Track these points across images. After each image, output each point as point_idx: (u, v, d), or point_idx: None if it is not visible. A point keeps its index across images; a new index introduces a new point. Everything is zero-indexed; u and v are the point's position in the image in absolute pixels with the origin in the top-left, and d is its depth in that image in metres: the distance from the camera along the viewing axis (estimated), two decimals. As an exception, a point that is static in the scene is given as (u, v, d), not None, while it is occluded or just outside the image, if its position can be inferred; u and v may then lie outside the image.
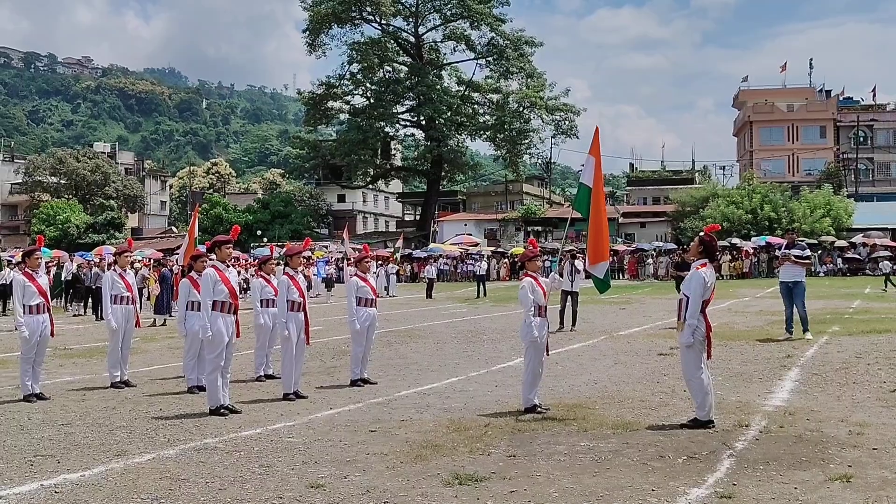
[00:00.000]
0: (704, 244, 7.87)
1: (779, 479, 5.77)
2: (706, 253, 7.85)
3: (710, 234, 7.99)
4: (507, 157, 66.78)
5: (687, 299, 7.61)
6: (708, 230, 8.15)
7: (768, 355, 12.18)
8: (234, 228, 10.01)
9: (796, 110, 73.50)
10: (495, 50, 63.76)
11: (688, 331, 7.47)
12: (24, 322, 9.60)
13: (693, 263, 7.96)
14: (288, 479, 5.96)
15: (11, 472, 6.29)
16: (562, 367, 11.58)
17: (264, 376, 10.99)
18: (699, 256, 7.86)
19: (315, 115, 66.96)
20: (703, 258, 7.80)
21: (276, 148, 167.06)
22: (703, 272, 7.63)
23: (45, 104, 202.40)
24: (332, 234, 67.59)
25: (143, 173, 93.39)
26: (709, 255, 7.85)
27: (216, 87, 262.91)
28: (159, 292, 21.54)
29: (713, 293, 7.71)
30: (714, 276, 7.79)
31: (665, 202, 66.66)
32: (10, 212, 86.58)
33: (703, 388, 7.47)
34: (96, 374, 11.55)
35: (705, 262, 7.76)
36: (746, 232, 47.84)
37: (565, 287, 17.26)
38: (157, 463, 6.50)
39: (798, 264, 14.43)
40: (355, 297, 10.37)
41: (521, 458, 6.44)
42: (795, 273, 14.43)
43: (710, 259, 7.84)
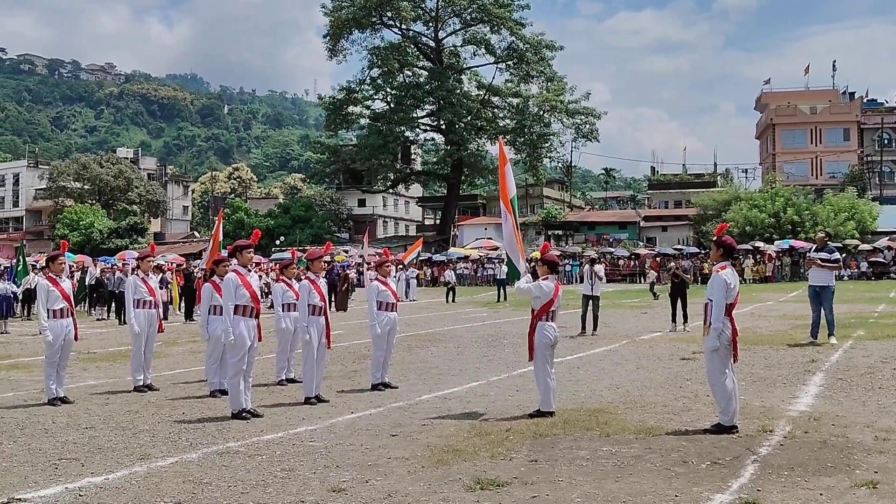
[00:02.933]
0: (723, 246, 7.83)
1: (804, 484, 5.71)
2: (726, 254, 7.81)
3: (723, 235, 7.95)
4: (527, 161, 66.67)
5: (711, 303, 7.57)
6: (718, 231, 8.11)
7: (792, 360, 12.06)
8: (255, 233, 10.06)
9: (819, 113, 72.89)
10: (515, 54, 63.72)
11: (713, 335, 7.41)
12: (49, 326, 9.68)
13: (714, 267, 7.91)
14: (310, 482, 5.97)
15: (36, 475, 6.34)
16: (583, 372, 11.53)
17: (286, 380, 11.02)
18: (720, 259, 7.81)
19: (335, 120, 67.19)
20: (723, 260, 7.76)
21: (297, 153, 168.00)
22: (724, 274, 7.58)
23: (68, 110, 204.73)
24: (352, 238, 67.75)
25: (166, 178, 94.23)
26: (728, 255, 7.82)
27: (238, 92, 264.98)
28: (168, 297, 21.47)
29: (738, 296, 7.65)
30: (736, 278, 7.74)
31: (687, 206, 66.28)
32: (34, 217, 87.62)
33: (727, 394, 7.41)
34: (120, 378, 11.64)
35: (725, 264, 7.71)
36: (769, 235, 47.49)
37: (586, 291, 17.27)
38: (179, 466, 6.53)
39: (825, 268, 14.21)
40: (376, 302, 10.38)
41: (543, 463, 6.41)
42: (824, 277, 14.17)
43: (730, 259, 7.80)
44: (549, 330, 8.50)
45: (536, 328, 8.46)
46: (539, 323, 8.47)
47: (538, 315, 8.50)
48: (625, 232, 62.32)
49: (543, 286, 8.53)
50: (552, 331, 8.53)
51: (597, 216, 69.98)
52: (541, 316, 8.49)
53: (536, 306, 8.54)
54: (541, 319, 8.48)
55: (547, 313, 8.51)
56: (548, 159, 70.04)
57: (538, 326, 8.47)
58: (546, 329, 8.48)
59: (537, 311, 8.52)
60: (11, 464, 6.73)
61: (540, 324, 8.47)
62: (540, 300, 8.51)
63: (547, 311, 8.50)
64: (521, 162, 68.78)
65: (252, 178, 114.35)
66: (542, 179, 72.17)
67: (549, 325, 8.51)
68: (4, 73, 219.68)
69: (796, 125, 73.03)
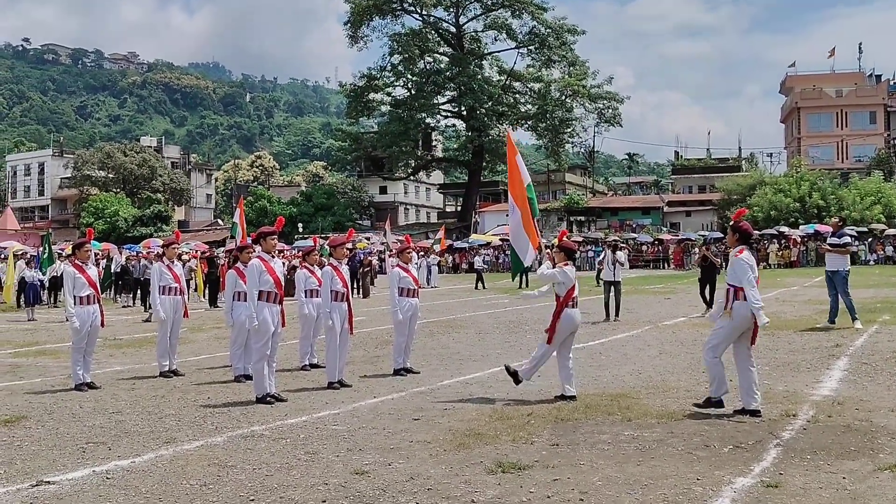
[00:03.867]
0: (739, 231, 7.87)
1: (826, 468, 5.69)
2: (742, 239, 7.83)
3: (740, 220, 8.01)
4: (549, 147, 66.46)
5: (733, 288, 7.54)
6: (736, 216, 8.18)
7: (816, 345, 11.98)
8: (278, 220, 10.11)
9: (845, 96, 71.99)
10: (537, 39, 63.40)
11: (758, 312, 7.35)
12: (75, 313, 9.82)
13: (731, 252, 7.91)
14: (333, 465, 6.03)
15: (64, 459, 6.45)
16: (605, 357, 11.53)
17: (309, 366, 11.11)
18: (736, 244, 7.83)
19: (357, 108, 67.27)
20: (739, 245, 7.77)
21: (319, 140, 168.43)
22: (743, 257, 7.60)
23: (92, 99, 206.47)
24: (373, 225, 67.96)
25: (189, 167, 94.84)
26: (744, 240, 7.83)
27: (259, 80, 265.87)
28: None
29: (757, 279, 7.62)
30: (754, 259, 7.73)
31: (711, 191, 65.79)
32: (59, 206, 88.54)
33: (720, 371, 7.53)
34: (145, 364, 11.78)
35: (742, 248, 7.73)
36: (794, 220, 47.08)
37: (607, 278, 17.22)
38: (205, 450, 6.61)
39: (835, 252, 14.09)
40: (397, 288, 10.43)
41: (565, 447, 6.43)
42: (834, 262, 14.12)
43: (746, 244, 7.82)
44: (576, 316, 8.57)
45: (562, 314, 8.49)
46: (566, 309, 8.51)
47: (564, 301, 8.54)
48: (648, 217, 62.00)
49: (567, 272, 8.58)
50: (578, 316, 8.61)
51: (620, 202, 69.65)
52: (567, 302, 8.52)
53: (561, 292, 8.58)
54: (567, 306, 8.51)
55: (572, 299, 8.53)
56: (570, 145, 69.89)
57: (564, 313, 8.50)
58: (573, 315, 8.54)
59: (563, 298, 8.55)
60: (40, 447, 6.85)
61: (567, 310, 8.51)
62: (564, 286, 8.56)
63: (572, 296, 8.54)
64: (542, 147, 68.57)
65: (274, 166, 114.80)
66: (564, 165, 71.86)
67: (575, 312, 8.56)
68: (29, 64, 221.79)
69: (822, 108, 72.19)
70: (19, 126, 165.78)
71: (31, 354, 13.57)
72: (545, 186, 73.71)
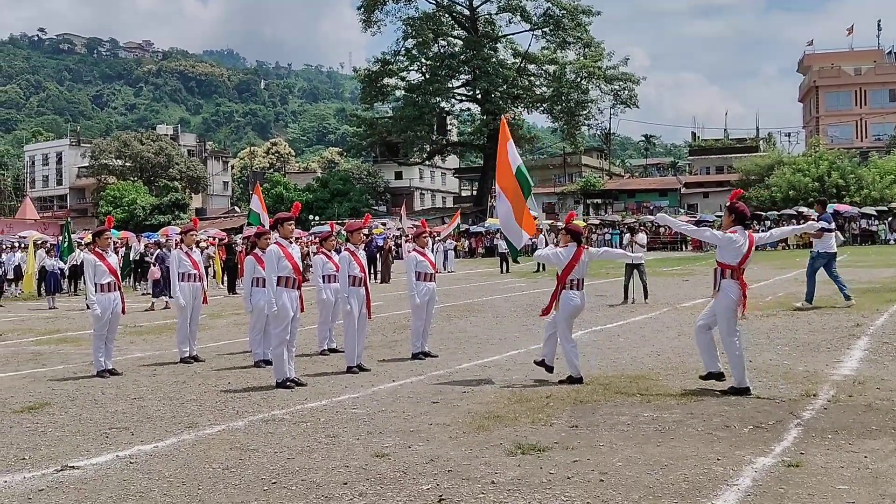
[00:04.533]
0: (735, 212, 7.95)
1: (848, 447, 5.67)
2: (738, 220, 7.91)
3: (736, 201, 8.06)
4: (564, 129, 66.03)
5: (721, 269, 7.75)
6: (733, 196, 8.21)
7: (836, 324, 11.91)
8: (294, 205, 10.13)
9: (864, 74, 71.22)
10: (551, 20, 62.88)
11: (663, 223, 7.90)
12: (96, 300, 9.91)
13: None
14: (353, 448, 6.07)
15: (88, 444, 6.52)
16: (624, 340, 11.52)
17: (328, 350, 11.17)
18: (731, 225, 7.91)
19: (371, 93, 67.04)
20: (735, 226, 7.88)
21: (334, 126, 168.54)
22: (733, 235, 7.76)
23: (108, 88, 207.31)
24: (389, 211, 67.96)
25: (205, 154, 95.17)
26: (740, 221, 7.91)
27: (274, 67, 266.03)
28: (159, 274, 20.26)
29: (746, 258, 7.75)
30: (745, 238, 7.79)
31: (729, 171, 65.34)
32: (77, 195, 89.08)
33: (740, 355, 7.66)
34: (165, 350, 11.88)
35: (736, 229, 7.84)
36: (813, 200, 46.67)
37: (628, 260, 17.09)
38: (226, 434, 6.67)
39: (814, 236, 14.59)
40: (414, 272, 10.45)
41: (584, 429, 6.44)
42: (815, 244, 14.66)
43: (743, 226, 7.90)
44: (573, 298, 8.55)
45: (561, 296, 8.55)
46: (563, 291, 8.54)
47: (559, 281, 8.62)
48: (665, 199, 61.69)
49: (560, 253, 8.65)
50: (576, 299, 8.57)
51: (636, 184, 69.31)
52: (562, 282, 8.57)
53: (559, 273, 8.66)
54: (564, 288, 8.54)
55: (568, 281, 8.55)
56: (586, 127, 69.29)
57: (562, 294, 8.56)
58: (570, 296, 8.54)
59: (559, 278, 8.65)
60: (64, 433, 6.93)
61: (564, 292, 8.55)
62: (559, 267, 8.64)
63: (565, 278, 8.55)
64: (558, 130, 68.20)
65: (290, 153, 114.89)
66: (580, 147, 71.48)
67: (572, 294, 8.55)
68: (45, 54, 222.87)
69: (840, 87, 71.44)
70: (37, 116, 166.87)
71: (52, 342, 13.72)
72: (561, 169, 73.43)
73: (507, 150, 9.80)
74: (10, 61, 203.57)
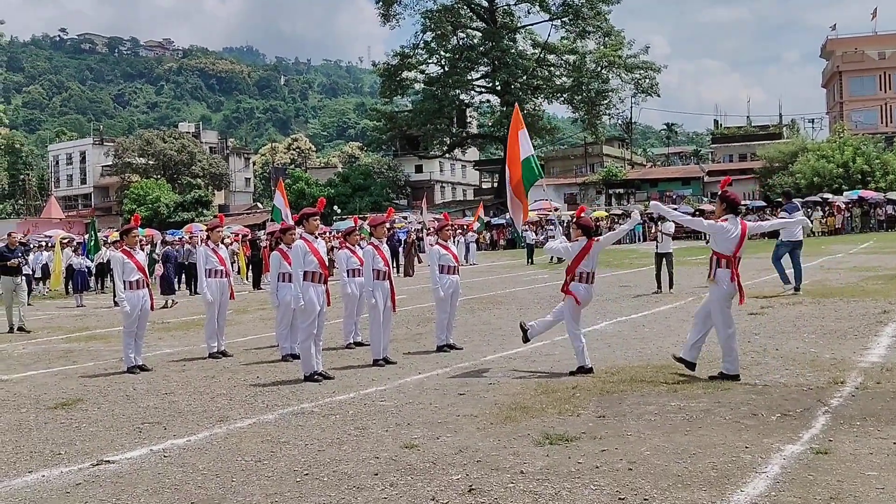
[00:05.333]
0: (726, 200, 8.07)
1: (876, 434, 5.66)
2: (729, 209, 8.02)
3: (726, 189, 8.17)
4: (585, 119, 65.80)
5: (716, 257, 7.87)
6: (722, 185, 8.34)
7: (863, 311, 11.84)
8: (319, 201, 10.21)
9: (889, 58, 70.30)
10: (570, 10, 62.64)
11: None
12: (126, 297, 10.05)
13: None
14: (383, 440, 6.14)
15: (122, 439, 6.64)
16: (649, 330, 11.51)
17: (354, 344, 11.25)
18: (723, 213, 8.02)
19: (390, 87, 67.14)
20: (726, 214, 7.98)
21: (354, 121, 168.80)
22: (724, 224, 7.88)
23: (129, 87, 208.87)
24: (410, 204, 68.01)
25: (227, 151, 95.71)
26: (732, 209, 8.02)
27: (293, 63, 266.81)
28: (163, 272, 20.88)
29: (741, 243, 7.87)
30: (737, 227, 7.88)
31: (752, 159, 64.76)
32: (102, 193, 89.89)
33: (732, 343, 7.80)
34: (194, 346, 12.02)
35: (727, 217, 7.95)
36: (838, 186, 46.26)
37: (659, 250, 17.04)
38: (257, 427, 6.76)
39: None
40: (438, 265, 10.50)
41: (611, 419, 6.46)
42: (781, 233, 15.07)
43: (734, 213, 8.00)
44: (581, 290, 8.60)
45: (570, 288, 8.61)
46: (572, 283, 8.60)
47: (568, 273, 8.67)
48: (688, 188, 61.29)
49: (569, 247, 8.72)
50: (584, 292, 8.62)
51: (659, 173, 68.90)
52: (570, 274, 8.62)
53: (569, 264, 8.73)
54: (573, 280, 8.59)
55: (577, 273, 8.60)
56: (607, 116, 69.10)
57: (571, 286, 8.61)
58: (577, 290, 8.59)
59: (568, 269, 8.70)
60: (98, 428, 7.05)
61: (573, 284, 8.60)
62: (568, 259, 8.72)
63: (574, 271, 8.61)
64: (579, 120, 67.95)
65: (311, 148, 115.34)
66: (601, 137, 71.20)
67: (581, 286, 8.60)
68: (67, 54, 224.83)
69: (864, 71, 70.61)
70: (60, 116, 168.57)
71: (82, 339, 13.91)
72: (582, 160, 73.14)
73: (519, 139, 9.87)
74: (33, 62, 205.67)
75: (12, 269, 15.61)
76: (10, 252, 15.88)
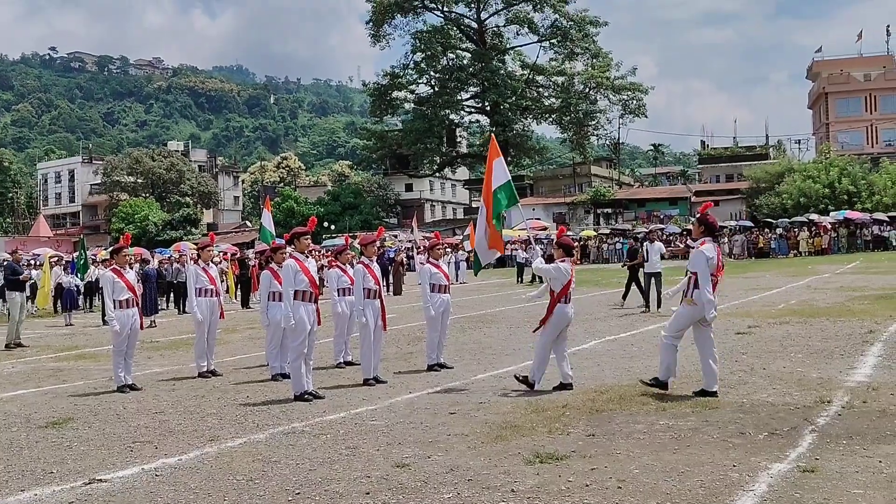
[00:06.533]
0: (704, 223, 8.23)
1: (862, 452, 5.74)
2: (707, 231, 8.17)
3: (706, 213, 8.31)
4: (573, 140, 66.28)
5: (695, 277, 7.93)
6: (703, 209, 8.45)
7: (850, 331, 11.95)
8: (310, 220, 10.26)
9: (874, 79, 71.08)
10: (559, 32, 63.22)
11: (709, 307, 7.86)
12: (116, 316, 10.05)
13: (695, 243, 8.31)
14: (374, 459, 6.17)
15: (113, 458, 6.64)
16: (637, 349, 11.58)
17: (344, 363, 11.26)
18: (701, 236, 8.18)
19: (380, 106, 67.47)
20: (704, 237, 8.13)
21: (344, 140, 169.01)
22: (704, 249, 7.96)
23: (119, 105, 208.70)
24: (400, 223, 68.13)
25: (216, 170, 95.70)
26: (710, 233, 8.17)
27: (283, 82, 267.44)
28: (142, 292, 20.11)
29: (721, 269, 8.04)
30: (716, 252, 8.02)
31: (739, 179, 65.15)
32: (90, 212, 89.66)
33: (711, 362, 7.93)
34: (183, 365, 12.00)
35: (705, 240, 8.07)
36: (824, 207, 46.58)
37: (648, 269, 17.09)
38: (248, 446, 6.78)
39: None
40: (429, 284, 10.54)
41: (601, 438, 6.52)
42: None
43: (711, 237, 8.14)
44: (569, 311, 8.77)
45: (555, 309, 8.68)
46: (559, 305, 8.68)
47: (558, 296, 8.72)
48: (675, 208, 61.58)
49: (562, 268, 8.78)
50: (570, 312, 8.81)
51: (646, 193, 69.23)
52: (560, 298, 8.70)
53: (556, 288, 8.77)
54: (560, 301, 8.68)
55: (566, 295, 8.70)
56: (595, 137, 69.55)
57: (557, 308, 8.69)
58: (566, 310, 8.73)
59: (557, 293, 8.74)
60: (89, 447, 7.05)
61: (559, 305, 8.69)
62: (559, 281, 8.74)
63: (566, 292, 8.71)
64: (567, 140, 68.35)
65: (300, 167, 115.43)
66: (589, 157, 71.61)
67: (568, 307, 8.75)
68: (56, 72, 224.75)
69: (850, 93, 71.33)
70: (49, 134, 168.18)
71: (71, 358, 13.87)
72: (570, 179, 73.45)
73: (493, 168, 9.98)
74: (23, 80, 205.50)
75: (21, 283, 15.94)
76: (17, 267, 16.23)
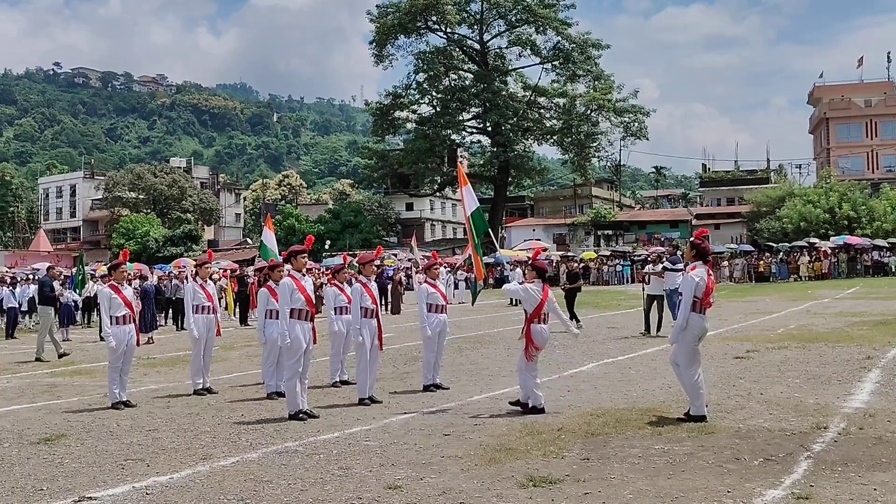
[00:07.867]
0: (696, 248, 8.33)
1: (857, 480, 5.70)
2: (698, 256, 8.29)
3: (700, 238, 8.42)
4: (575, 161, 66.38)
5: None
6: (698, 234, 8.56)
7: (847, 357, 11.91)
8: (308, 238, 10.27)
9: (875, 105, 71.37)
10: (561, 54, 63.47)
11: (675, 330, 8.11)
12: (112, 332, 10.01)
13: (686, 267, 8.43)
14: (366, 480, 6.13)
15: (104, 475, 6.59)
16: (635, 372, 11.54)
17: (340, 382, 11.21)
18: (693, 260, 8.30)
19: (382, 126, 67.69)
20: (695, 261, 8.25)
21: (346, 158, 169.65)
22: (694, 274, 8.08)
23: (122, 122, 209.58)
24: (400, 242, 68.15)
25: (218, 187, 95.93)
26: (701, 257, 8.29)
27: (286, 100, 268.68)
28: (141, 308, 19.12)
29: (711, 290, 8.13)
30: (705, 276, 8.13)
31: (740, 203, 65.32)
32: (91, 227, 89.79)
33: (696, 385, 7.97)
34: (179, 382, 11.96)
35: (696, 265, 8.19)
36: (825, 232, 46.61)
37: (650, 291, 16.99)
38: (241, 466, 6.74)
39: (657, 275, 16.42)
40: (426, 304, 10.52)
41: (595, 461, 6.48)
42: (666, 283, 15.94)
43: (702, 261, 8.25)
44: (544, 332, 8.80)
45: (531, 331, 8.70)
46: (532, 325, 8.71)
47: (531, 318, 8.74)
48: (676, 230, 61.66)
49: (530, 289, 8.81)
50: (545, 332, 8.85)
51: (647, 215, 69.40)
52: (534, 318, 8.73)
53: (529, 309, 8.81)
54: (534, 322, 8.71)
55: (539, 316, 8.72)
56: (596, 158, 69.67)
57: (532, 328, 8.71)
58: (541, 331, 8.76)
59: (531, 314, 8.77)
60: (80, 464, 7.00)
61: (534, 326, 8.72)
62: (529, 303, 8.79)
63: (539, 314, 8.73)
64: (568, 162, 68.49)
65: (302, 185, 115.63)
66: (590, 179, 71.79)
67: (542, 328, 8.77)
68: (60, 87, 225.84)
69: (851, 119, 71.59)
70: (51, 149, 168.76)
71: (67, 374, 13.81)
72: (571, 201, 73.60)
73: (463, 196, 10.05)
74: (26, 95, 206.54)
75: (54, 299, 16.20)
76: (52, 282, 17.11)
